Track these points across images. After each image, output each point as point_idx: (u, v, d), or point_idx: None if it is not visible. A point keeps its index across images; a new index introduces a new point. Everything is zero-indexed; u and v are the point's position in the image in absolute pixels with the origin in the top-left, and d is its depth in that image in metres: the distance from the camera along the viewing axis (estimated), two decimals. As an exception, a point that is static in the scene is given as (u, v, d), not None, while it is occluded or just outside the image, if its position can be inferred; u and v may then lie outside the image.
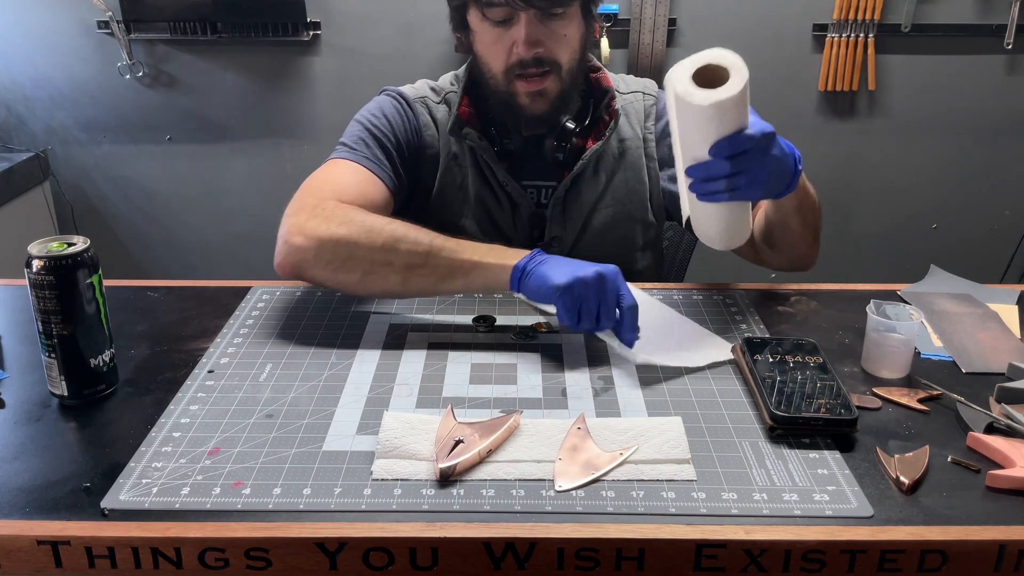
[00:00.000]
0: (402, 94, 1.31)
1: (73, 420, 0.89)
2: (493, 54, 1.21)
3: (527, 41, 1.16)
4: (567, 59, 1.20)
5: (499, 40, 1.19)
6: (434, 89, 1.33)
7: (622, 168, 1.30)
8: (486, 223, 1.29)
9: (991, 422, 0.86)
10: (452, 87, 1.32)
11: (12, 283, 1.23)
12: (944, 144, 2.58)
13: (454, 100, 1.30)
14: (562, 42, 1.19)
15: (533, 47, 1.17)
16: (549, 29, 1.17)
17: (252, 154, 2.58)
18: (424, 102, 1.31)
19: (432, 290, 1.07)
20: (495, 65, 1.21)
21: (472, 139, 1.26)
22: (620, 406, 0.91)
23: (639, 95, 1.33)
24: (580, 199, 1.28)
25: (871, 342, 0.98)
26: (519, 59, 1.18)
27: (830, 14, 2.41)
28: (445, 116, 1.30)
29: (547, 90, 1.21)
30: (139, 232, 2.71)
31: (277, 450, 0.83)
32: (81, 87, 2.52)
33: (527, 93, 1.21)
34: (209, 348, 1.03)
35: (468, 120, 1.27)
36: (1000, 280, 2.66)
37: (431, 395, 0.93)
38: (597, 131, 1.28)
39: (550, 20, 1.17)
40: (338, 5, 2.43)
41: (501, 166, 1.26)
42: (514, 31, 1.17)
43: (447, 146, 1.30)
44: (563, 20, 1.18)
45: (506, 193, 1.28)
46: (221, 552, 0.72)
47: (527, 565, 0.72)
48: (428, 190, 1.30)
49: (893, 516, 0.74)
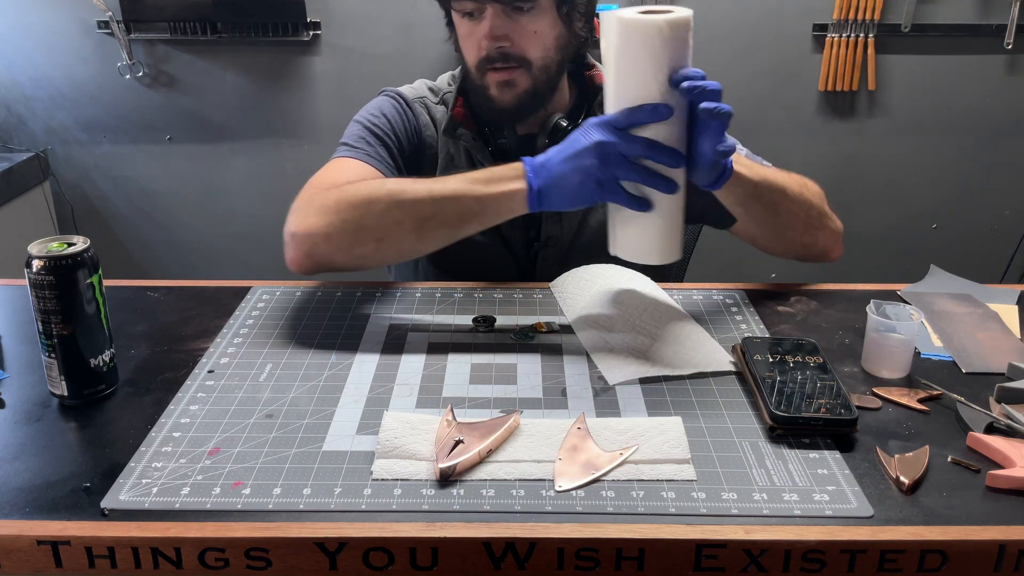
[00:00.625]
0: (401, 94, 1.32)
1: (73, 420, 0.89)
2: (467, 48, 1.22)
3: (489, 35, 1.17)
4: (538, 56, 1.19)
5: (471, 34, 1.20)
6: (432, 89, 1.34)
7: None
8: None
9: (991, 422, 0.86)
10: (449, 87, 1.33)
11: (12, 283, 1.23)
12: (944, 144, 2.58)
13: (451, 100, 1.30)
14: (531, 38, 1.18)
15: (497, 41, 1.17)
16: (517, 24, 1.17)
17: (252, 154, 2.58)
18: (423, 102, 1.32)
19: (449, 238, 1.08)
20: (469, 59, 1.22)
21: (466, 140, 1.26)
22: (620, 406, 0.91)
23: None
24: None
25: (871, 342, 0.98)
26: (486, 53, 1.18)
27: (830, 14, 2.41)
28: (443, 116, 1.30)
29: (515, 81, 1.20)
30: (139, 232, 2.71)
31: (277, 450, 0.83)
32: (81, 87, 2.52)
33: (496, 83, 1.20)
34: (209, 348, 1.03)
35: (463, 120, 1.28)
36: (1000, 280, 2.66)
37: (431, 395, 0.93)
38: None
39: (518, 15, 1.16)
40: (338, 5, 2.43)
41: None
42: (480, 26, 1.17)
43: (444, 146, 1.30)
44: (532, 16, 1.17)
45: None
46: (221, 552, 0.72)
47: (527, 565, 0.72)
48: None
49: (893, 516, 0.74)
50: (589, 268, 1.22)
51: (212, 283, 1.22)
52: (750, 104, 2.48)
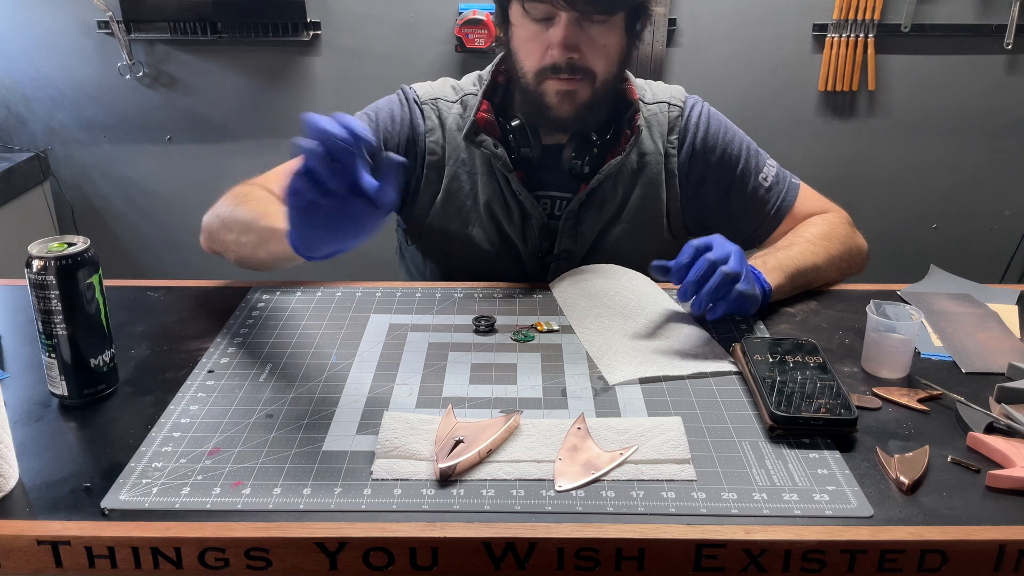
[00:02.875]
0: (410, 95, 1.29)
1: (73, 420, 0.89)
2: (528, 51, 1.18)
3: (563, 44, 1.13)
4: (603, 70, 1.17)
5: (536, 38, 1.16)
6: (453, 88, 1.30)
7: (640, 184, 1.27)
8: (493, 232, 1.27)
9: (991, 422, 0.86)
10: (474, 87, 1.29)
11: (12, 283, 1.23)
12: (944, 144, 2.58)
13: (472, 103, 1.27)
14: (600, 52, 1.15)
15: (568, 51, 1.13)
16: (588, 36, 1.14)
17: (252, 154, 2.58)
18: (435, 104, 1.29)
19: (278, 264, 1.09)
20: (528, 63, 1.18)
21: (487, 147, 1.23)
22: (620, 406, 0.91)
23: (664, 106, 1.29)
24: (594, 214, 1.26)
25: (871, 342, 0.98)
26: (553, 62, 1.15)
27: (830, 14, 2.41)
28: (458, 118, 1.27)
29: (577, 93, 1.17)
30: (139, 232, 2.71)
31: (277, 450, 0.83)
32: (81, 87, 2.52)
33: (557, 92, 1.17)
34: (209, 348, 1.03)
35: (485, 126, 1.24)
36: (1000, 280, 2.66)
37: (431, 395, 0.93)
38: (618, 145, 1.25)
39: (590, 26, 1.13)
40: (338, 5, 2.43)
41: (516, 175, 1.24)
42: (552, 32, 1.13)
43: (455, 152, 1.27)
44: (604, 29, 1.14)
45: (518, 203, 1.25)
46: (221, 552, 0.72)
47: (527, 565, 0.72)
48: (432, 196, 1.28)
49: (893, 516, 0.74)
50: (589, 268, 1.22)
51: (212, 283, 1.22)
52: (750, 104, 2.48)
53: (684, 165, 1.28)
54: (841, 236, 1.23)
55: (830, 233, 1.22)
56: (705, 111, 1.30)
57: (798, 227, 1.27)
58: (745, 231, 1.31)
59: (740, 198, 1.29)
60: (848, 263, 1.23)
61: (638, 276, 1.17)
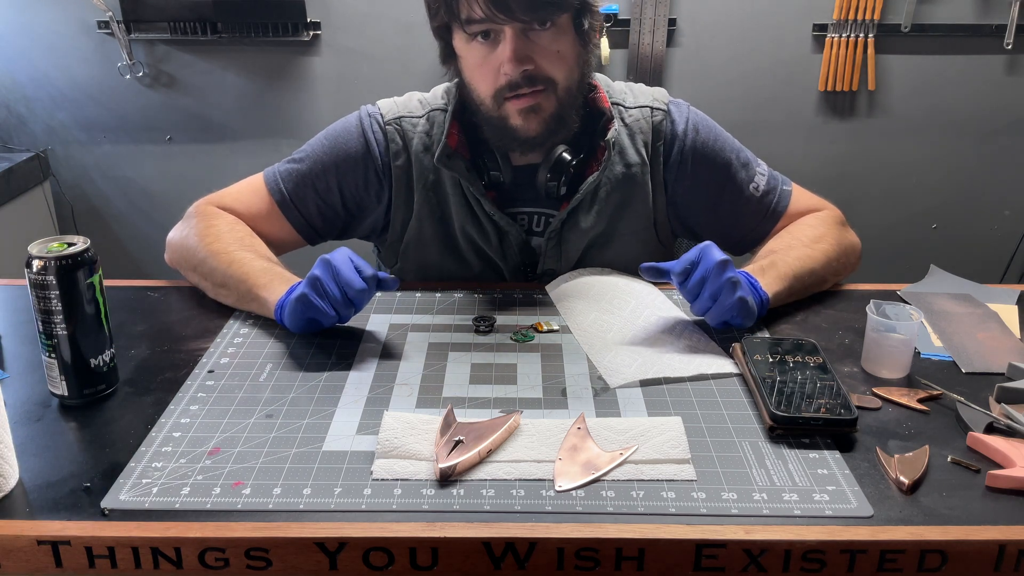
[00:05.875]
0: (371, 119, 1.23)
1: (73, 420, 0.89)
2: (480, 77, 1.13)
3: (513, 58, 1.08)
4: (562, 76, 1.12)
5: (485, 61, 1.11)
6: (420, 102, 1.25)
7: (625, 196, 1.22)
8: (472, 255, 1.24)
9: (991, 422, 0.86)
10: (443, 100, 1.24)
11: (12, 283, 1.23)
12: (944, 144, 2.58)
13: (439, 119, 1.22)
14: (554, 57, 1.10)
15: (521, 64, 1.08)
16: (538, 44, 1.09)
17: (252, 154, 2.58)
18: (398, 123, 1.23)
19: (239, 305, 1.13)
20: (483, 89, 1.13)
21: (459, 171, 1.18)
22: (620, 406, 0.91)
23: (646, 111, 1.23)
24: (578, 232, 1.22)
25: (871, 342, 0.98)
26: (508, 79, 1.10)
27: (830, 14, 2.41)
28: (424, 137, 1.22)
29: (541, 106, 1.12)
30: (139, 232, 2.71)
31: (277, 450, 0.83)
32: (81, 87, 2.52)
33: (519, 111, 1.12)
34: (209, 348, 1.03)
35: (457, 147, 1.19)
36: (1000, 280, 2.66)
37: (431, 395, 0.93)
38: (596, 159, 1.20)
39: (537, 35, 1.08)
40: (338, 5, 2.43)
41: (488, 196, 1.20)
42: (500, 49, 1.08)
43: (423, 175, 1.22)
44: (552, 34, 1.09)
45: (493, 223, 1.22)
46: (221, 552, 0.72)
47: (527, 565, 0.72)
48: (404, 223, 1.24)
49: (893, 516, 0.74)
50: (586, 271, 1.21)
51: (212, 283, 1.22)
52: (750, 104, 2.48)
53: (672, 174, 1.24)
54: (835, 236, 1.22)
55: (824, 234, 1.21)
56: (693, 117, 1.25)
57: (791, 226, 1.25)
58: (735, 238, 1.28)
59: (732, 208, 1.26)
60: (843, 263, 1.22)
61: (634, 278, 1.17)
